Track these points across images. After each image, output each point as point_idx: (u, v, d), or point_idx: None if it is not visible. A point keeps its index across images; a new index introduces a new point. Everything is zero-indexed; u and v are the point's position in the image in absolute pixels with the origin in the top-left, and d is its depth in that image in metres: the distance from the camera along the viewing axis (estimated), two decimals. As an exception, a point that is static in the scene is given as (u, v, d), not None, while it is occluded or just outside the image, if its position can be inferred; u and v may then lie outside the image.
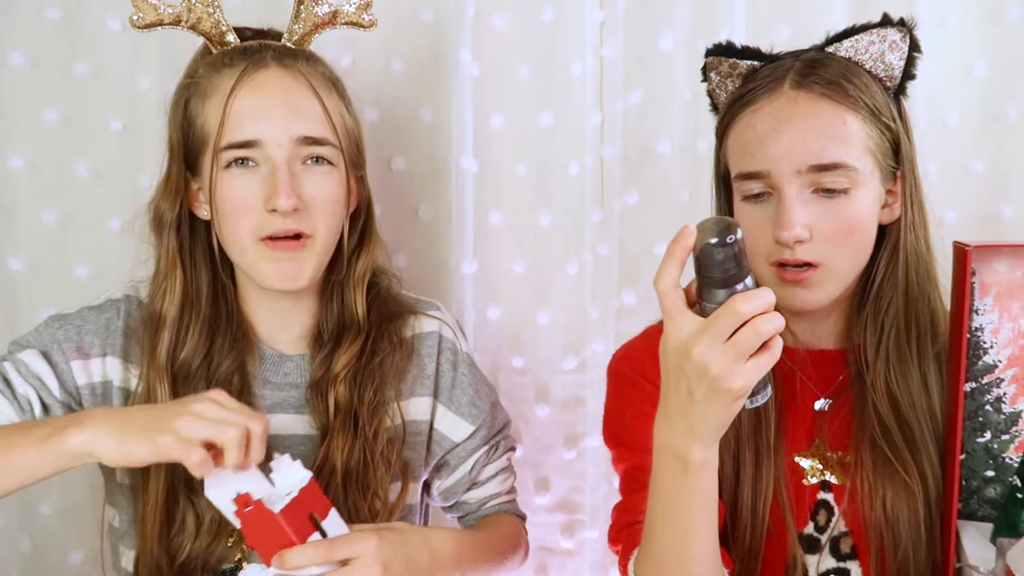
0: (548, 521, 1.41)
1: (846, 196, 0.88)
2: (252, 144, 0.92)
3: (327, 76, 0.99)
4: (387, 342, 1.04)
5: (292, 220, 0.93)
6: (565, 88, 1.31)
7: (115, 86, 1.31)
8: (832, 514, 0.94)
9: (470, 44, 1.29)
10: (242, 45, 0.96)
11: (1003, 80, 1.28)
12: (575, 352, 1.38)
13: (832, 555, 0.94)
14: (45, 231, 1.34)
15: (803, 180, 0.87)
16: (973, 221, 1.30)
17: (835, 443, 0.96)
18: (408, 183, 1.35)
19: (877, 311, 0.94)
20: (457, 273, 1.35)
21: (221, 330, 1.00)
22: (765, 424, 0.94)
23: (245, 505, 0.81)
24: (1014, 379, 0.85)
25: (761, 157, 0.89)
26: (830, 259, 0.89)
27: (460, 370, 1.10)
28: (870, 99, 0.90)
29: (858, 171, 0.88)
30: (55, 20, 1.30)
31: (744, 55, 0.97)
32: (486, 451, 1.11)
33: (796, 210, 0.87)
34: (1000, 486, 0.87)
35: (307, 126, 0.93)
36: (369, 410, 1.01)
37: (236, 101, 0.92)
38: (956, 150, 1.30)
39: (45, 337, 0.99)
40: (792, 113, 0.89)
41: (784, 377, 0.97)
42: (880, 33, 0.91)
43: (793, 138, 0.88)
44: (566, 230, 1.35)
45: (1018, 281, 0.84)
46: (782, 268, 0.90)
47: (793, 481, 0.95)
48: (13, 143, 1.31)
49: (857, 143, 0.88)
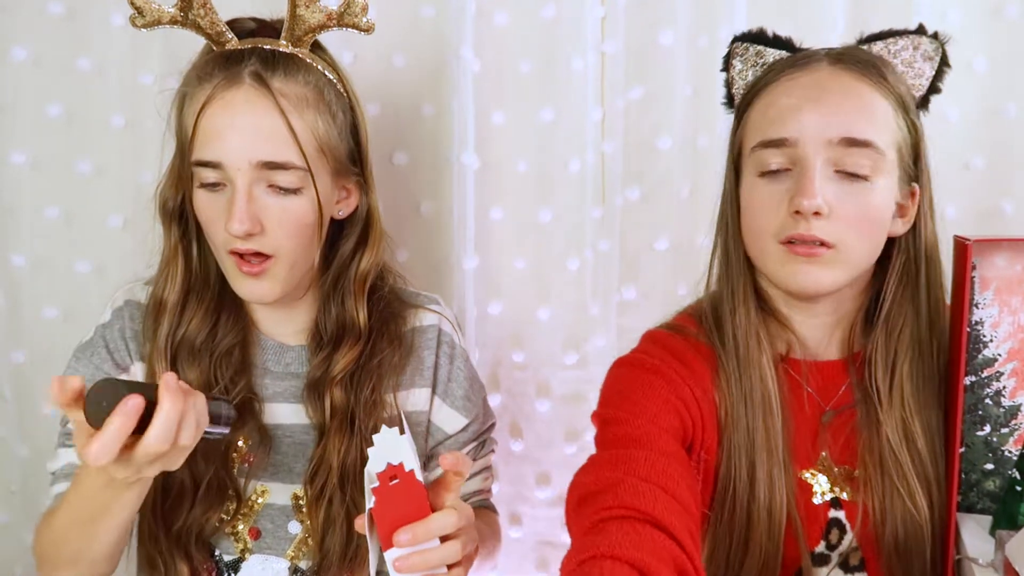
0: (549, 515, 1.41)
1: (868, 183, 0.85)
2: (215, 165, 0.92)
3: (310, 86, 0.96)
4: (387, 342, 1.05)
5: (252, 242, 0.93)
6: (566, 84, 1.31)
7: (117, 82, 1.32)
8: (844, 532, 0.92)
9: (471, 40, 1.29)
10: (227, 51, 0.95)
11: (1003, 76, 1.28)
12: (576, 347, 1.38)
13: (841, 568, 0.93)
14: (47, 227, 1.34)
15: (830, 154, 0.85)
16: (973, 216, 1.30)
17: (840, 456, 0.93)
18: (410, 179, 1.35)
19: (889, 333, 0.92)
20: (458, 269, 1.35)
21: (225, 310, 1.02)
22: (775, 434, 0.91)
23: (391, 477, 0.81)
24: (1014, 373, 0.86)
25: (792, 123, 0.86)
26: (845, 242, 0.85)
27: (456, 364, 1.10)
28: (905, 95, 0.88)
29: (884, 157, 0.86)
30: (58, 15, 1.30)
31: (774, 44, 0.96)
32: (475, 447, 1.12)
33: (819, 180, 0.84)
34: (999, 479, 0.87)
35: (268, 151, 0.92)
36: (366, 409, 1.01)
37: (204, 119, 0.92)
38: (956, 145, 1.30)
39: (89, 371, 1.01)
40: (833, 85, 0.86)
41: (792, 390, 0.94)
42: (915, 40, 0.90)
43: (830, 108, 0.85)
44: (567, 226, 1.35)
45: (1018, 275, 0.84)
46: (792, 245, 0.86)
47: (803, 499, 0.92)
48: (15, 139, 1.32)
49: (886, 130, 0.86)
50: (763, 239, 0.88)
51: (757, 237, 0.90)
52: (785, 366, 0.94)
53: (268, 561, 1.01)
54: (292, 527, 1.01)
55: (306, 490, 1.00)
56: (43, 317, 1.36)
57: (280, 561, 1.01)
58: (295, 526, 1.01)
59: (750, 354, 0.92)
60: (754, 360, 0.91)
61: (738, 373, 0.92)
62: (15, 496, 1.40)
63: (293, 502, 1.02)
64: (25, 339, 1.36)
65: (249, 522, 1.01)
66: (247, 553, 1.00)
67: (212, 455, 0.98)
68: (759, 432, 0.90)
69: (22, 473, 1.38)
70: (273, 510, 1.01)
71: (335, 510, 0.99)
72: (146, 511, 0.97)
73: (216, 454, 0.98)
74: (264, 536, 1.01)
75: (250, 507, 1.01)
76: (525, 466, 1.41)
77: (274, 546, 1.01)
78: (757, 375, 0.91)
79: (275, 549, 1.01)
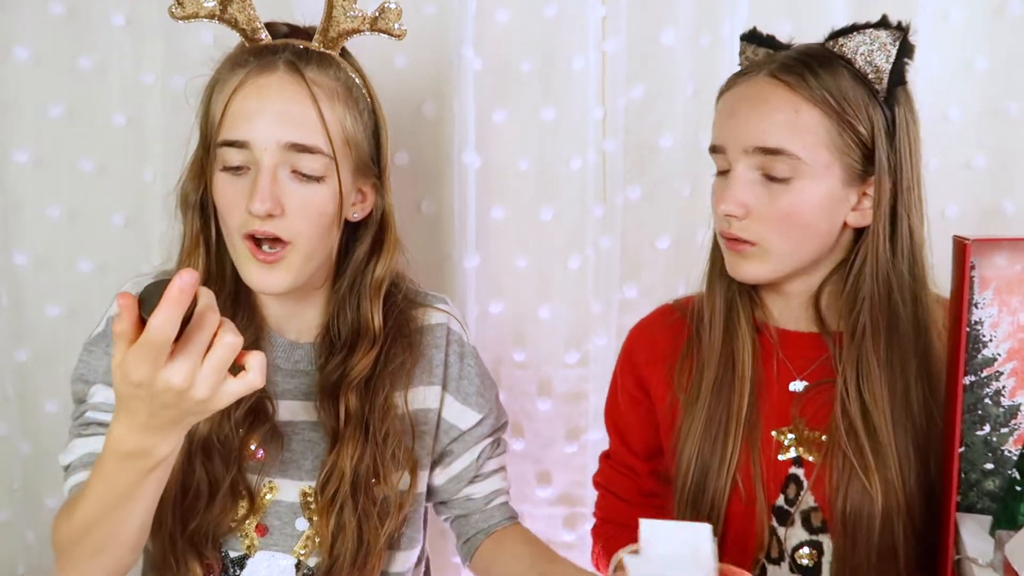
0: (550, 514, 1.41)
1: (786, 185, 0.91)
2: (242, 145, 0.92)
3: (340, 82, 0.97)
4: (400, 348, 1.04)
5: (270, 224, 0.92)
6: (567, 83, 1.31)
7: (119, 81, 1.32)
8: (801, 488, 0.97)
9: (472, 39, 1.29)
10: (262, 45, 0.96)
11: (1005, 75, 1.28)
12: (577, 346, 1.38)
13: (804, 528, 0.97)
14: (50, 226, 1.34)
15: (751, 161, 0.92)
16: (974, 215, 1.30)
17: (814, 423, 0.98)
18: (410, 177, 1.35)
19: (849, 311, 0.96)
20: (460, 268, 1.35)
21: (243, 305, 1.01)
22: (738, 395, 0.98)
23: None
24: (1013, 372, 0.86)
25: (719, 133, 0.96)
26: (766, 240, 0.94)
27: (467, 361, 1.10)
28: (837, 95, 0.91)
29: (803, 162, 0.90)
30: (59, 15, 1.30)
31: (771, 45, 0.99)
32: (490, 443, 1.11)
33: (736, 187, 0.93)
34: (999, 479, 0.87)
35: (297, 133, 0.92)
36: (379, 415, 1.01)
37: (236, 100, 0.92)
38: (958, 144, 1.30)
39: (103, 365, 0.99)
40: (748, 95, 0.94)
41: (764, 355, 1.01)
42: (872, 34, 0.92)
43: (742, 119, 0.93)
44: (568, 225, 1.35)
45: (1017, 275, 0.84)
46: (726, 240, 0.97)
47: (767, 454, 0.98)
48: (18, 138, 1.32)
49: (809, 135, 0.90)
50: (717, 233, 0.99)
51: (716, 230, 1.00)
52: (761, 335, 1.02)
53: (274, 558, 1.01)
54: (299, 524, 1.01)
55: (317, 497, 0.99)
56: (45, 315, 1.36)
57: (287, 558, 1.01)
58: (302, 523, 1.01)
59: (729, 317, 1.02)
60: (731, 326, 1.01)
61: (709, 336, 1.02)
62: (17, 494, 1.40)
63: (301, 499, 1.01)
64: (27, 337, 1.37)
65: (257, 519, 1.01)
66: (253, 550, 1.00)
67: (228, 455, 0.97)
68: (724, 390, 0.99)
69: (24, 471, 1.39)
70: (281, 507, 1.01)
71: (346, 517, 0.98)
72: (165, 511, 0.95)
73: (232, 453, 0.98)
74: (271, 533, 1.01)
75: (259, 504, 1.01)
76: (526, 465, 1.41)
77: (281, 543, 1.01)
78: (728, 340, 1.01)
79: (281, 546, 1.01)
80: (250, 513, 1.00)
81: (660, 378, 1.07)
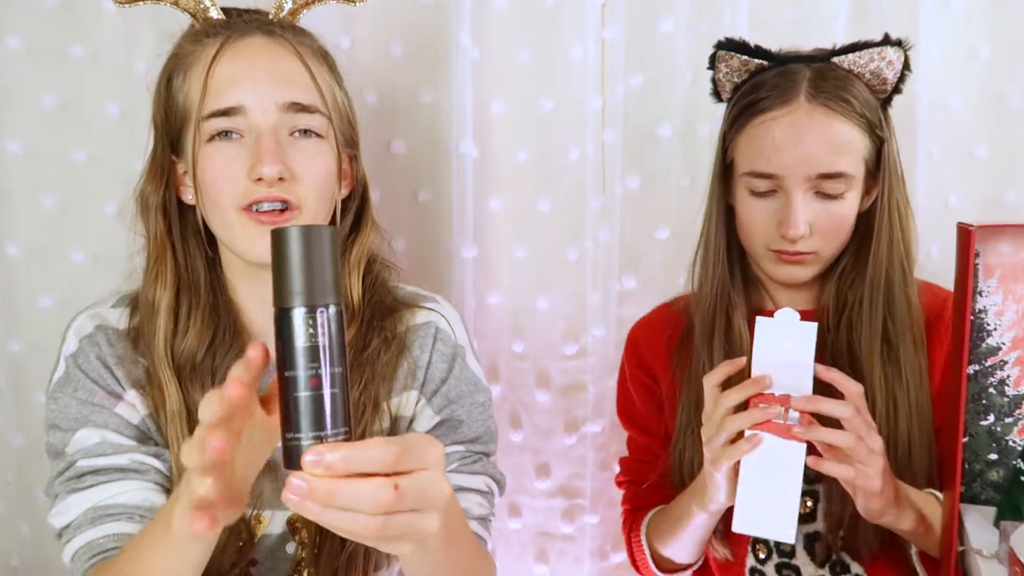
0: (548, 506, 1.41)
1: (841, 200, 1.00)
2: (235, 111, 0.87)
3: (316, 49, 0.95)
4: (378, 337, 0.98)
5: (278, 189, 0.87)
6: (566, 72, 1.30)
7: (111, 70, 1.30)
8: None
9: (470, 28, 1.28)
10: (224, 20, 0.93)
11: (1007, 64, 1.28)
12: (575, 337, 1.37)
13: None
14: (43, 216, 1.33)
15: (809, 185, 0.99)
16: (976, 205, 1.30)
17: None
18: (408, 167, 1.34)
19: (840, 283, 1.06)
20: (457, 258, 1.34)
21: (222, 321, 0.95)
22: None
23: None
24: (1018, 361, 0.85)
25: (776, 162, 0.99)
26: (822, 249, 1.02)
27: (453, 364, 1.02)
28: (870, 114, 1.00)
29: (854, 177, 0.99)
30: (51, 5, 1.29)
31: (755, 54, 1.03)
32: (461, 453, 0.98)
33: (800, 213, 0.99)
34: (1003, 469, 0.86)
35: (294, 92, 0.88)
36: (357, 410, 0.94)
37: (218, 68, 0.87)
38: (960, 134, 1.29)
39: (73, 411, 0.91)
40: (810, 127, 0.98)
41: None
42: (880, 52, 0.99)
43: (809, 150, 0.98)
44: (566, 215, 1.34)
45: (1022, 263, 0.83)
46: (781, 253, 1.02)
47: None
48: (10, 128, 1.31)
49: (855, 153, 0.99)
50: (755, 245, 1.05)
51: (750, 241, 1.06)
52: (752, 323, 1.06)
53: None
54: (289, 548, 0.97)
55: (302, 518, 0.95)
56: (38, 307, 1.35)
57: None
58: (292, 547, 0.97)
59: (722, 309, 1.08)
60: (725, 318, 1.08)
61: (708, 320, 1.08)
62: (10, 486, 1.39)
63: (288, 527, 0.97)
64: (20, 329, 1.35)
65: (249, 554, 0.96)
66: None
67: None
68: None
69: (18, 463, 1.38)
70: (270, 539, 0.96)
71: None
72: None
73: None
74: (262, 563, 0.97)
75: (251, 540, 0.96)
76: (524, 456, 1.40)
77: (275, 568, 0.97)
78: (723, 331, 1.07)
79: (276, 571, 0.97)
80: (244, 550, 0.95)
81: (663, 363, 1.14)
